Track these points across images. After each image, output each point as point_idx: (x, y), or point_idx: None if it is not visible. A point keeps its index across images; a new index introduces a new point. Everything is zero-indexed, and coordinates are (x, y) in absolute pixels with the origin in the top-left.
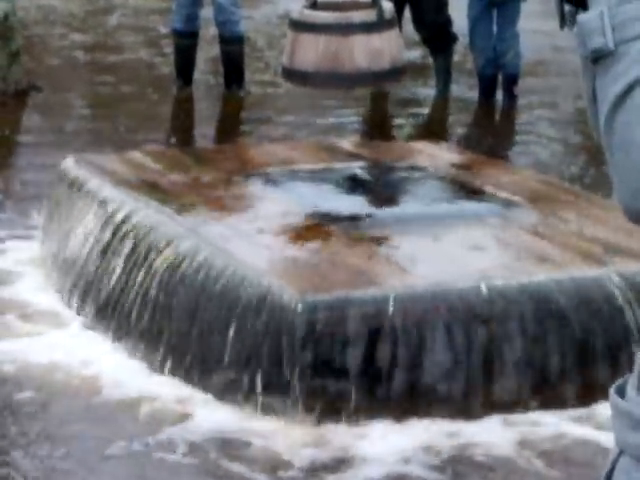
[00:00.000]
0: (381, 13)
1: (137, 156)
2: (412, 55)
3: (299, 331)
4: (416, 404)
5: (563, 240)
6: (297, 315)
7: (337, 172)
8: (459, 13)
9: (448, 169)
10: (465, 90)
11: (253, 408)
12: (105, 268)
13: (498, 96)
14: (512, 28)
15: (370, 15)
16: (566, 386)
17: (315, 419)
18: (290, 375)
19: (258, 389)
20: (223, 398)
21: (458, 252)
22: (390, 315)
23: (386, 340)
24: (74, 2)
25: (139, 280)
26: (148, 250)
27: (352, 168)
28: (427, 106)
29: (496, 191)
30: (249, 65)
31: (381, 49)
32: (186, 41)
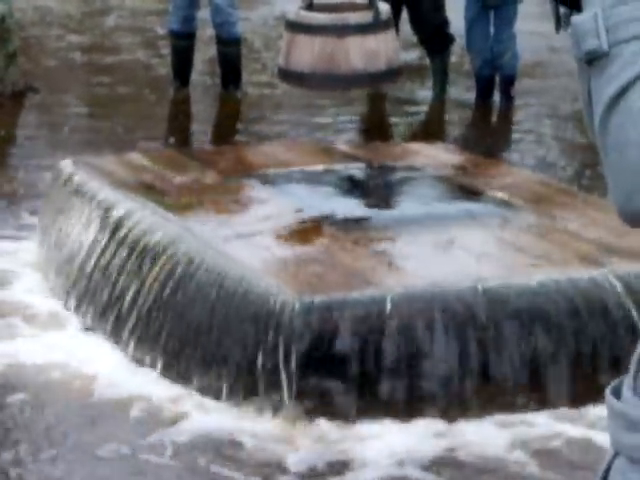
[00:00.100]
0: (377, 14)
1: (134, 157)
2: (409, 56)
3: (296, 331)
4: (413, 405)
5: (560, 241)
6: (294, 316)
7: (334, 173)
8: (456, 14)
9: (445, 170)
10: (462, 91)
11: (249, 409)
12: (102, 269)
13: (495, 97)
14: (509, 29)
15: (366, 16)
16: (563, 387)
17: (311, 420)
18: (286, 375)
19: (254, 390)
20: (219, 399)
21: (455, 253)
22: (387, 316)
23: (383, 341)
24: (71, 3)
25: (136, 282)
26: (145, 251)
27: (349, 169)
28: (424, 107)
29: (493, 192)
30: (246, 66)
31: (377, 50)
32: (183, 42)
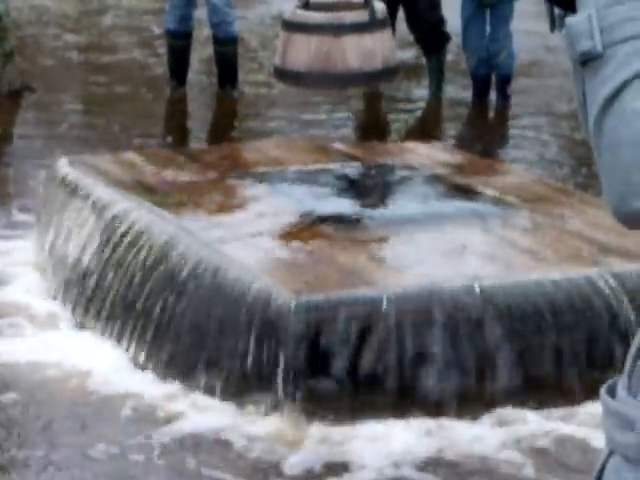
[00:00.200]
0: (373, 13)
1: (131, 156)
2: (405, 55)
3: (292, 331)
4: (409, 405)
5: (556, 239)
6: (290, 315)
7: (331, 172)
8: (452, 12)
9: (441, 169)
10: (459, 90)
11: (244, 408)
12: (98, 269)
13: (491, 96)
14: (505, 28)
15: (362, 15)
16: (559, 386)
17: (307, 420)
18: (282, 375)
19: (250, 389)
20: (214, 398)
21: (451, 252)
22: (383, 315)
23: (379, 340)
24: (67, 3)
25: (132, 280)
26: (141, 250)
27: (346, 168)
28: (421, 106)
29: (489, 191)
30: (242, 65)
31: (373, 49)
32: (180, 42)
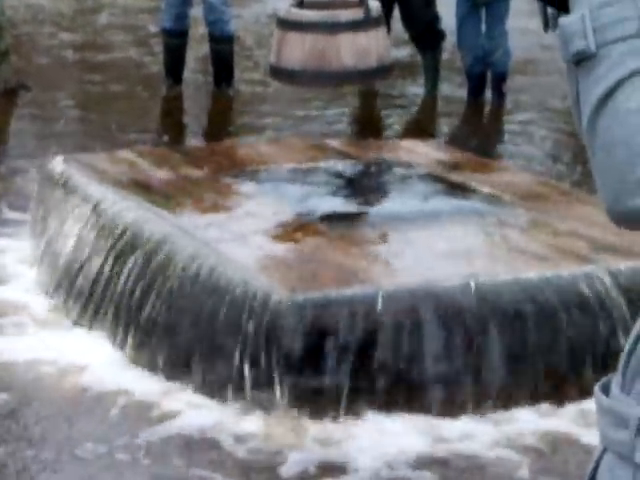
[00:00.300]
0: (368, 11)
1: (127, 155)
2: (401, 53)
3: (288, 329)
4: (405, 402)
5: (552, 237)
6: (286, 313)
7: (326, 170)
8: (447, 10)
9: (436, 167)
10: (454, 88)
11: (240, 406)
12: (94, 267)
13: (487, 94)
14: (501, 26)
15: (357, 14)
16: (554, 384)
17: (303, 418)
18: (278, 373)
19: (246, 387)
20: (210, 395)
21: (447, 250)
22: (379, 313)
23: (375, 338)
24: (63, 1)
25: (128, 278)
26: (137, 249)
27: (341, 166)
28: (416, 104)
29: (485, 189)
30: (238, 64)
31: (368, 47)
32: (175, 40)
